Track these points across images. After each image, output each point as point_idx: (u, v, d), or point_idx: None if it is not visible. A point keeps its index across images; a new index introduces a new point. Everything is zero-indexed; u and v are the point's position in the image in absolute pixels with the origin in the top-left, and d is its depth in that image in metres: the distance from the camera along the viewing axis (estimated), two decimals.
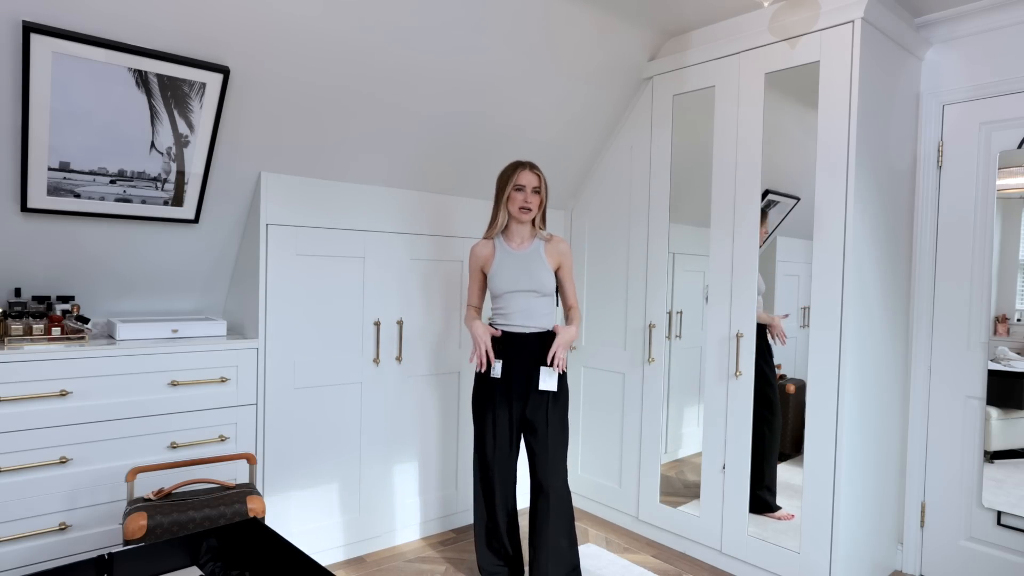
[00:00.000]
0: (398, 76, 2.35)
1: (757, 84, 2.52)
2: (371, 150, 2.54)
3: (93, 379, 2.04)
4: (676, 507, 2.85)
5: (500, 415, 2.32)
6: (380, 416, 2.72)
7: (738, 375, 2.57)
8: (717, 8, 2.57)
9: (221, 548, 1.78)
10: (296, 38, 2.07)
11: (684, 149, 2.86)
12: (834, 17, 2.27)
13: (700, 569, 2.66)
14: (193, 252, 2.46)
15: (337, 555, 2.63)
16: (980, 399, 2.47)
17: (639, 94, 3.00)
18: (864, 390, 2.38)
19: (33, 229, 2.08)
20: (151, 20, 1.84)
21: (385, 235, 2.69)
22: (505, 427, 2.33)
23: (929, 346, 2.61)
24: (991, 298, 2.46)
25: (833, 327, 2.29)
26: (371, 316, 2.67)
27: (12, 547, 1.93)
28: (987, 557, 2.46)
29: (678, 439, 3.08)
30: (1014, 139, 2.39)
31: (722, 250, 2.64)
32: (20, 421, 1.92)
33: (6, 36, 1.71)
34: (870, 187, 2.34)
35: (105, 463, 2.08)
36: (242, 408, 2.35)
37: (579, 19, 2.53)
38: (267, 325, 2.40)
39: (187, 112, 2.06)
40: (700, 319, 2.89)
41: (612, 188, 3.13)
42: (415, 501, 2.87)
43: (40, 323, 2.11)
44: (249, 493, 2.01)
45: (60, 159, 1.95)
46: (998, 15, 2.40)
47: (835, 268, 2.29)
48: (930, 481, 2.62)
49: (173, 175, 2.18)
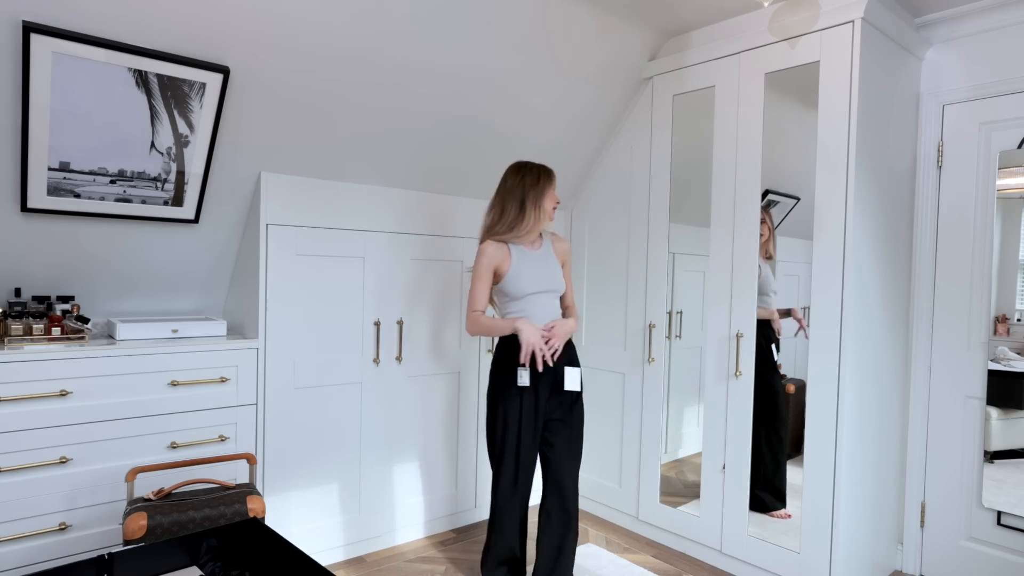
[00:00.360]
0: (398, 76, 2.35)
1: (757, 84, 2.52)
2: (371, 150, 2.54)
3: (93, 379, 2.05)
4: (676, 507, 2.85)
5: (527, 408, 2.25)
6: (380, 416, 2.72)
7: (738, 375, 2.57)
8: (717, 8, 2.57)
9: (221, 548, 1.78)
10: (296, 38, 2.07)
11: (684, 149, 2.86)
12: (834, 17, 2.27)
13: (700, 569, 2.66)
14: (193, 252, 2.46)
15: (337, 555, 2.64)
16: (980, 399, 2.48)
17: (639, 94, 3.00)
18: (864, 390, 2.38)
19: (33, 229, 2.08)
20: (151, 20, 1.84)
21: (385, 235, 2.69)
22: (531, 419, 2.26)
23: (929, 346, 2.61)
24: (991, 298, 2.46)
25: (833, 327, 2.30)
26: (371, 316, 2.67)
27: (12, 547, 1.93)
28: (987, 557, 2.46)
29: (678, 439, 3.08)
30: (1014, 139, 2.39)
31: (722, 250, 2.64)
32: (20, 421, 1.92)
33: (6, 36, 1.71)
34: (870, 187, 2.34)
35: (105, 463, 2.08)
36: (242, 408, 2.35)
37: (579, 19, 2.53)
38: (267, 325, 2.40)
39: (187, 112, 2.06)
40: (700, 319, 2.89)
41: (612, 188, 3.13)
42: (415, 501, 2.87)
43: (40, 323, 2.11)
44: (249, 493, 2.01)
45: (60, 159, 1.95)
46: (998, 15, 2.40)
47: (835, 268, 2.29)
48: (930, 481, 2.62)
49: (173, 175, 2.18)
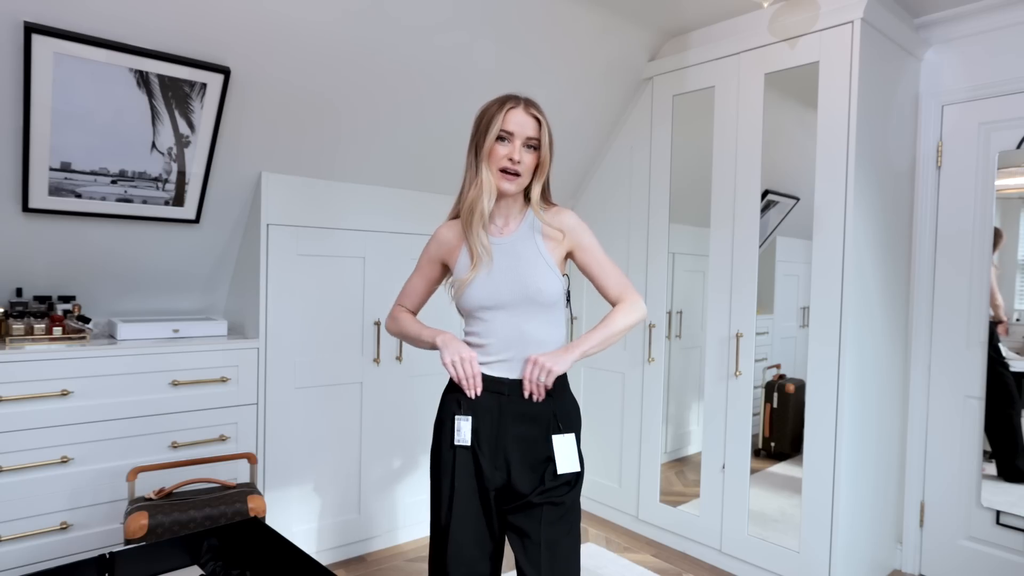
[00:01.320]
0: (398, 76, 2.35)
1: (757, 84, 2.52)
2: (371, 150, 2.54)
3: (94, 379, 2.05)
4: (676, 507, 2.85)
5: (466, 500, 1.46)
6: (380, 416, 2.73)
7: (738, 375, 2.58)
8: (717, 8, 2.57)
9: (222, 547, 1.78)
10: (296, 38, 2.07)
11: (684, 149, 2.87)
12: (834, 17, 2.28)
13: (700, 568, 2.67)
14: (194, 252, 2.46)
15: (337, 555, 2.64)
16: (979, 399, 2.48)
17: (639, 94, 3.00)
18: (864, 390, 2.38)
19: (34, 229, 2.09)
20: (152, 20, 1.85)
21: (385, 235, 2.70)
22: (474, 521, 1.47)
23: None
24: (990, 298, 2.46)
25: (833, 327, 2.30)
26: (371, 316, 2.67)
27: (13, 546, 1.93)
28: (986, 556, 2.46)
29: (678, 439, 3.08)
30: (1013, 139, 2.40)
31: (722, 250, 2.64)
32: (21, 421, 1.93)
33: (7, 37, 1.71)
34: (870, 187, 2.35)
35: (106, 463, 2.08)
36: (243, 408, 2.36)
37: (579, 19, 2.53)
38: (267, 325, 2.40)
39: (188, 112, 2.07)
40: (700, 319, 2.89)
41: (612, 188, 3.13)
42: (415, 501, 2.87)
43: (41, 323, 2.11)
44: (250, 492, 2.02)
45: (61, 159, 1.95)
46: (997, 15, 2.40)
47: (835, 268, 2.30)
48: (929, 480, 2.62)
49: (174, 175, 2.18)
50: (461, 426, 1.46)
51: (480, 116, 1.49)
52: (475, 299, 1.47)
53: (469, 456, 1.46)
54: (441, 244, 1.57)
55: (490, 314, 1.47)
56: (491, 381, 1.47)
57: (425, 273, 1.62)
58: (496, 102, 1.48)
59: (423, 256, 1.62)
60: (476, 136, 1.49)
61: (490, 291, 1.47)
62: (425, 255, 1.61)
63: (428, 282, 1.64)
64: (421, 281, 1.64)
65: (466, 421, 1.45)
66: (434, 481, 1.52)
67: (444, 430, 1.50)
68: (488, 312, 1.47)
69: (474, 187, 1.48)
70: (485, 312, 1.48)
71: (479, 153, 1.47)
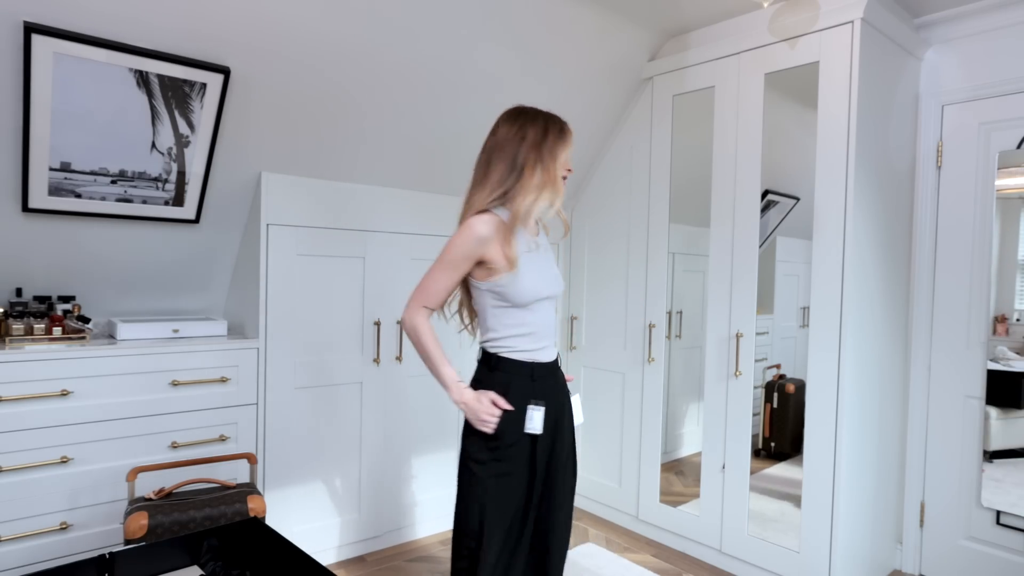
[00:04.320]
0: (398, 76, 2.35)
1: (757, 84, 2.52)
2: (371, 150, 2.54)
3: (94, 379, 2.05)
4: (676, 507, 2.85)
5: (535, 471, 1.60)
6: (380, 416, 2.73)
7: (738, 375, 2.58)
8: (717, 8, 2.57)
9: (222, 547, 1.78)
10: (296, 38, 2.07)
11: (684, 149, 2.87)
12: (834, 17, 2.28)
13: (700, 569, 2.67)
14: (194, 252, 2.46)
15: (337, 555, 2.64)
16: (979, 399, 2.48)
17: (639, 94, 3.00)
18: (864, 390, 2.38)
19: (34, 229, 2.09)
20: (152, 20, 1.85)
21: (385, 235, 2.70)
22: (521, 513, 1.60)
23: (928, 346, 2.61)
24: (990, 298, 2.46)
25: (833, 327, 2.30)
26: (371, 316, 2.67)
27: (13, 546, 1.93)
28: (986, 556, 2.46)
29: (678, 439, 3.08)
30: (1013, 139, 2.40)
31: (722, 250, 2.64)
32: (21, 421, 1.93)
33: (7, 36, 1.71)
34: (870, 187, 2.35)
35: (106, 463, 2.08)
36: (243, 408, 2.36)
37: (579, 19, 2.53)
38: (267, 325, 2.40)
39: (188, 112, 2.07)
40: (700, 319, 2.89)
41: (612, 188, 3.13)
42: (415, 500, 2.87)
43: (41, 323, 2.11)
44: (250, 493, 2.02)
45: (61, 159, 1.95)
46: (997, 15, 2.40)
47: (835, 268, 2.30)
48: (929, 481, 2.62)
49: (174, 175, 2.18)
50: (533, 415, 1.57)
51: (545, 122, 1.61)
52: (536, 291, 1.59)
53: (530, 443, 1.58)
54: (483, 240, 1.55)
55: (542, 304, 1.62)
56: (543, 367, 1.63)
57: (461, 270, 1.59)
58: (552, 113, 1.64)
59: (455, 253, 1.56)
60: (546, 140, 1.59)
61: (548, 282, 1.63)
62: (459, 252, 1.56)
63: (458, 281, 1.62)
64: (452, 279, 1.60)
65: (539, 411, 1.57)
66: (488, 469, 1.56)
67: (511, 417, 1.56)
68: (541, 303, 1.62)
69: (547, 186, 1.59)
70: (540, 303, 1.61)
71: (548, 155, 1.59)
